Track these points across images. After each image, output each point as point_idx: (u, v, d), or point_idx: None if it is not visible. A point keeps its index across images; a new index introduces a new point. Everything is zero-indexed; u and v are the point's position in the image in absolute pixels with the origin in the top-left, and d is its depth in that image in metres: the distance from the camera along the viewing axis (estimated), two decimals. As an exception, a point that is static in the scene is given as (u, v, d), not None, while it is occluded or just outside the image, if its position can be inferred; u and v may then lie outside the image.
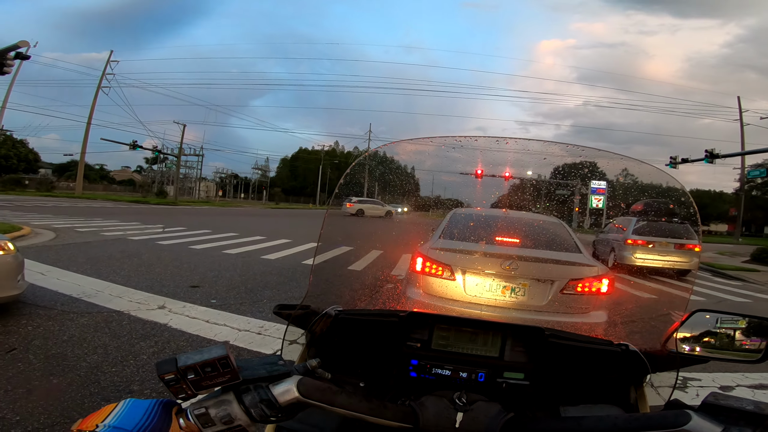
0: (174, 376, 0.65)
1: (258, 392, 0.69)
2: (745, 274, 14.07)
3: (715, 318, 1.10)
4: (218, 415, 0.66)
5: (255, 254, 9.71)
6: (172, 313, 4.86)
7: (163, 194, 49.15)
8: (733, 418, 0.64)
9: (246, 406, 0.68)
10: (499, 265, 3.32)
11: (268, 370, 0.72)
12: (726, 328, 1.10)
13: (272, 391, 0.69)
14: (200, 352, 0.66)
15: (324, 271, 1.54)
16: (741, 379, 4.10)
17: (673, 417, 0.66)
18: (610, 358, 1.09)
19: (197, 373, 0.65)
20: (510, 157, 1.84)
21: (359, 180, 3.01)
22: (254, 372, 0.71)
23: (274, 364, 0.74)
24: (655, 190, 2.29)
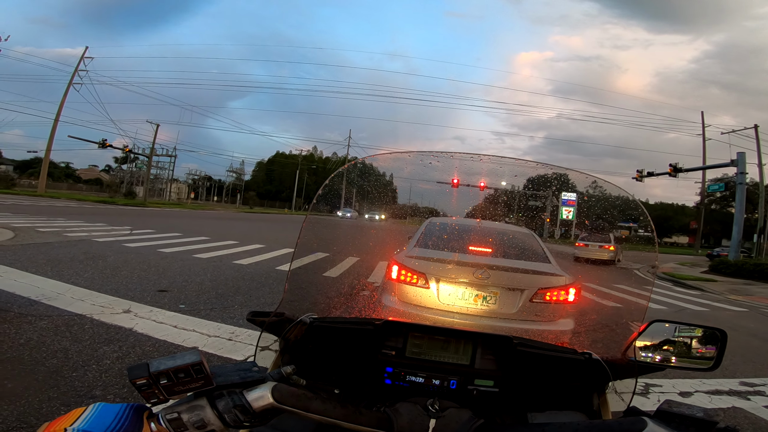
0: (146, 381, 0.65)
1: (232, 398, 0.69)
2: (704, 284, 14.71)
3: (674, 327, 1.15)
4: (191, 420, 0.66)
5: (227, 259, 9.51)
6: (138, 318, 4.70)
7: (131, 195, 47.60)
8: (685, 425, 0.68)
9: (219, 411, 0.68)
10: (471, 273, 3.37)
11: (242, 377, 0.73)
12: (683, 337, 1.15)
13: (246, 397, 0.70)
14: (173, 358, 0.66)
15: (299, 277, 1.54)
16: (699, 385, 4.26)
17: (629, 424, 0.69)
18: (575, 366, 1.12)
19: (170, 378, 0.65)
20: (485, 168, 1.89)
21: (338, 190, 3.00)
22: (228, 378, 0.71)
23: (248, 371, 0.75)
24: (619, 202, 2.40)
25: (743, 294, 12.93)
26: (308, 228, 1.51)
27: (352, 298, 4.48)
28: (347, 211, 9.18)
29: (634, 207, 1.82)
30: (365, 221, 6.18)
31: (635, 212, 1.83)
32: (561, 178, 2.50)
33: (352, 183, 3.64)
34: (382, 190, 3.20)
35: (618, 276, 13.55)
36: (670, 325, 1.16)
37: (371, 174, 3.27)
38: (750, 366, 5.17)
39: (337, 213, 7.05)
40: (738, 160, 21.89)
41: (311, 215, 1.57)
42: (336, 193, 2.70)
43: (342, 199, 5.29)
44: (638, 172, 25.66)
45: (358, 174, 3.28)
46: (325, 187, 1.59)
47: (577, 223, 4.44)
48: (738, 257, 20.54)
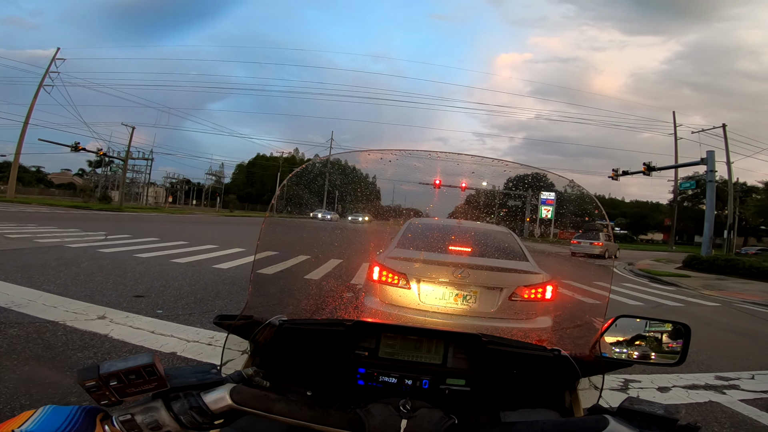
0: (95, 383, 0.64)
1: (188, 399, 0.69)
2: (679, 279, 15.13)
3: (644, 323, 1.16)
4: (145, 422, 0.66)
5: (206, 263, 9.34)
6: (114, 324, 4.57)
7: (106, 199, 46.30)
8: (647, 422, 0.69)
9: (175, 413, 0.68)
10: (451, 273, 3.40)
11: (200, 378, 0.73)
12: (654, 332, 1.16)
13: (204, 399, 0.70)
14: (125, 360, 0.65)
15: (278, 279, 1.52)
16: (676, 380, 4.35)
17: (593, 422, 0.70)
18: (545, 363, 1.13)
19: (121, 380, 0.64)
20: (467, 168, 1.90)
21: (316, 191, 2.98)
22: (184, 380, 0.71)
23: (206, 373, 0.74)
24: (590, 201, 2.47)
25: (716, 289, 13.35)
26: (269, 230, 1.50)
27: (332, 300, 4.46)
28: (327, 213, 9.14)
29: (589, 201, 1.85)
30: (348, 223, 6.15)
31: (590, 207, 1.87)
32: (540, 178, 2.54)
33: (334, 184, 3.63)
34: (365, 191, 3.20)
35: (598, 273, 13.84)
36: (641, 321, 1.17)
37: (353, 176, 3.26)
38: (725, 360, 5.30)
39: (317, 215, 7.00)
40: (708, 159, 22.59)
41: (271, 217, 1.55)
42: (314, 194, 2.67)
43: (324, 201, 5.25)
44: (614, 171, 26.29)
45: (339, 175, 3.27)
46: (283, 188, 1.57)
47: (557, 221, 4.53)
48: (710, 253, 21.19)
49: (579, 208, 2.73)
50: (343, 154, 2.70)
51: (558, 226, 6.05)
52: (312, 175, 2.22)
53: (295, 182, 1.69)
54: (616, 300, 9.50)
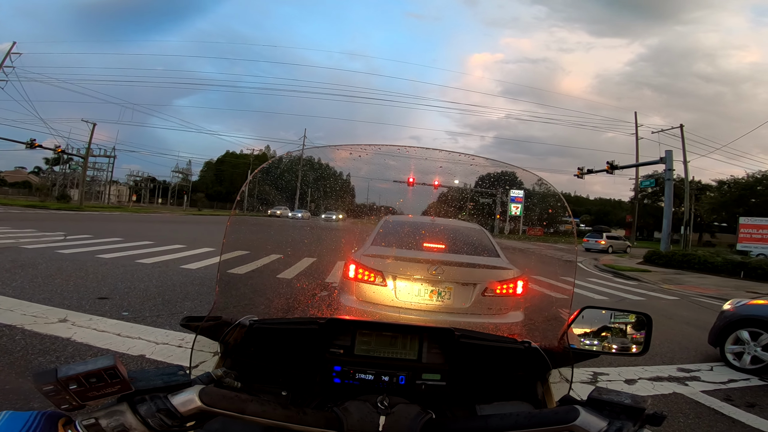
0: (53, 386, 0.62)
1: (155, 402, 0.68)
2: (640, 274, 15.77)
3: (609, 314, 1.20)
4: (110, 426, 0.64)
5: (173, 264, 9.07)
6: (77, 327, 4.40)
7: (65, 198, 44.26)
8: (616, 412, 0.70)
9: (142, 416, 0.66)
10: (426, 270, 3.44)
11: (165, 381, 0.71)
12: (619, 323, 1.20)
13: (171, 401, 0.68)
14: (84, 363, 0.63)
15: (249, 279, 1.50)
16: (642, 372, 4.53)
17: (564, 413, 0.72)
18: (516, 355, 1.15)
19: (81, 383, 0.62)
20: (440, 166, 1.92)
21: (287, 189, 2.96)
22: (149, 382, 0.70)
23: (173, 375, 0.73)
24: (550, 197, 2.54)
25: (675, 283, 13.98)
26: (237, 229, 1.48)
27: (305, 299, 4.43)
28: (298, 211, 9.06)
29: (556, 198, 1.90)
30: (321, 221, 6.11)
31: (555, 203, 1.92)
32: (509, 176, 2.60)
33: (306, 182, 3.59)
34: (339, 189, 3.19)
35: (565, 269, 14.26)
36: (606, 312, 1.21)
37: (327, 173, 3.24)
38: (686, 353, 5.55)
39: (287, 214, 6.90)
40: (666, 158, 23.72)
41: (239, 216, 1.53)
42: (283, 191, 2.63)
43: (296, 199, 5.18)
44: (579, 169, 27.17)
45: (312, 173, 3.24)
46: (249, 184, 1.54)
47: (525, 218, 4.64)
48: (668, 248, 22.20)
49: (545, 204, 2.81)
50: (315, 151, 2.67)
51: (526, 223, 6.22)
52: (279, 171, 2.18)
53: (261, 179, 1.66)
54: (582, 295, 9.82)
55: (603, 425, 0.69)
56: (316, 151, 2.14)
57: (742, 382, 4.43)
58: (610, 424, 0.69)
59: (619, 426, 0.68)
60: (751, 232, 22.10)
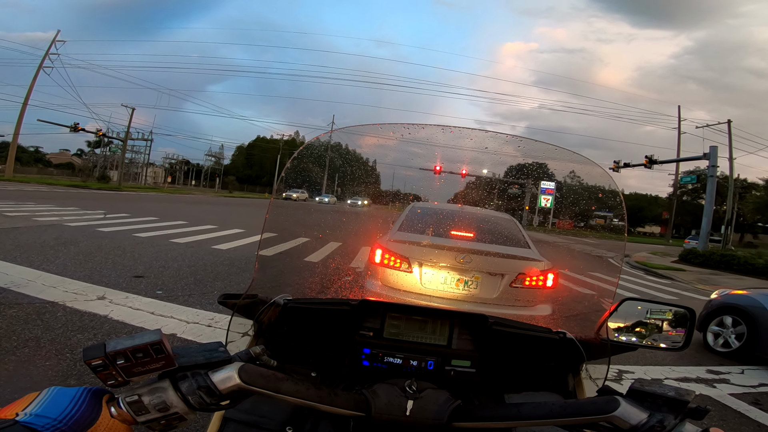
0: (102, 361, 0.62)
1: (196, 379, 0.67)
2: (674, 273, 15.22)
3: (645, 309, 1.17)
4: (152, 403, 0.64)
5: (205, 244, 9.37)
6: (113, 305, 4.60)
7: (105, 179, 46.10)
8: (657, 404, 0.68)
9: (183, 393, 0.66)
10: (453, 258, 3.39)
11: (207, 357, 0.70)
12: (655, 318, 1.17)
13: (212, 378, 0.68)
14: (132, 338, 0.63)
15: (277, 261, 1.53)
16: (668, 372, 4.41)
17: (603, 403, 0.69)
18: (549, 345, 1.13)
19: (128, 358, 0.63)
20: (467, 155, 1.89)
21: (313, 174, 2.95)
22: (192, 359, 0.69)
23: (215, 351, 0.72)
24: (596, 190, 2.45)
25: (710, 284, 13.43)
26: (282, 212, 1.48)
27: (336, 280, 4.48)
28: (325, 196, 9.15)
29: (612, 195, 1.83)
30: (347, 207, 6.15)
31: (612, 201, 1.85)
32: (540, 166, 2.53)
33: (333, 167, 3.61)
34: (365, 175, 3.19)
35: (593, 264, 13.90)
36: (642, 307, 1.17)
37: (354, 159, 3.24)
38: (716, 355, 5.35)
39: (315, 198, 7.00)
40: (710, 154, 22.52)
41: (277, 199, 1.53)
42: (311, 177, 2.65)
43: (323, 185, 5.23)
44: (615, 162, 26.30)
45: (339, 158, 3.25)
46: (287, 170, 1.54)
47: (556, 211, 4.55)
48: (707, 248, 21.28)
49: (596, 201, 2.72)
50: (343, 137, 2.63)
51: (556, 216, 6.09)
52: (314, 156, 2.18)
53: (297, 164, 1.67)
54: (609, 291, 9.56)
55: (644, 417, 0.67)
56: (343, 137, 2.11)
57: None
58: (651, 416, 0.67)
59: (660, 418, 0.66)
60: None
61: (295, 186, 1.98)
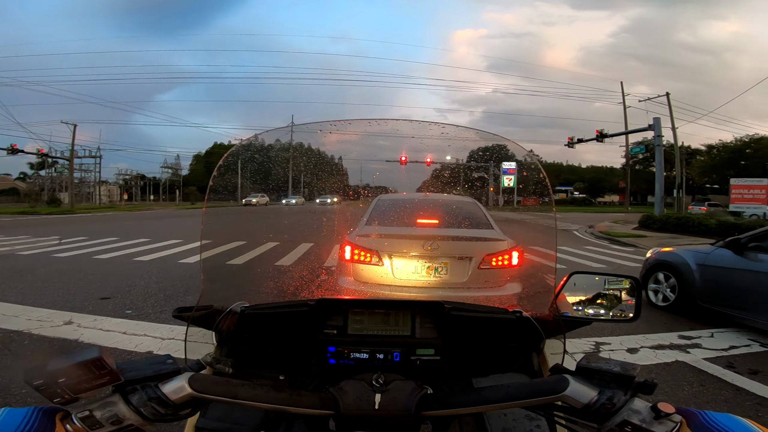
0: (43, 381, 0.62)
1: (146, 391, 0.68)
2: (636, 240, 15.87)
3: (603, 280, 1.17)
4: (104, 417, 0.65)
5: (172, 259, 9.07)
6: (83, 328, 4.42)
7: (56, 202, 43.69)
8: (605, 380, 0.69)
9: (134, 405, 0.67)
10: (421, 246, 3.43)
11: (155, 370, 0.71)
12: (613, 289, 1.16)
13: (162, 390, 0.69)
14: (71, 356, 0.64)
15: (241, 267, 1.49)
16: (643, 340, 4.51)
17: (554, 382, 0.71)
18: (508, 326, 1.14)
19: (69, 376, 0.63)
20: (431, 144, 1.92)
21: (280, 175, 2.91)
22: (139, 372, 0.70)
23: (162, 363, 0.73)
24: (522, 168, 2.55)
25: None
26: (241, 218, 1.42)
27: (297, 282, 4.43)
28: (292, 197, 9.05)
29: (536, 171, 1.85)
30: (317, 206, 6.10)
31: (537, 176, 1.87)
32: (501, 149, 2.61)
33: (297, 167, 3.58)
34: (331, 172, 3.18)
35: (560, 238, 14.33)
36: (600, 278, 1.17)
37: (317, 158, 3.23)
38: (685, 319, 5.42)
39: (282, 201, 6.86)
40: (654, 125, 23.94)
41: (209, 207, 1.46)
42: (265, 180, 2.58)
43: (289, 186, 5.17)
44: (570, 138, 27.28)
45: (302, 158, 3.23)
46: (215, 178, 1.46)
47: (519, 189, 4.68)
48: (663, 212, 22.36)
49: (531, 175, 2.82)
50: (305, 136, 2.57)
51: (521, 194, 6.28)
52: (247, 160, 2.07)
53: (225, 171, 1.59)
54: (579, 263, 9.88)
55: (593, 394, 0.68)
56: (305, 136, 2.08)
57: (743, 349, 4.39)
58: (601, 393, 0.68)
59: (610, 395, 0.67)
60: (743, 192, 22.35)
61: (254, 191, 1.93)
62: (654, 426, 0.64)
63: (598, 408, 0.67)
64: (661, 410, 0.63)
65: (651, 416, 0.64)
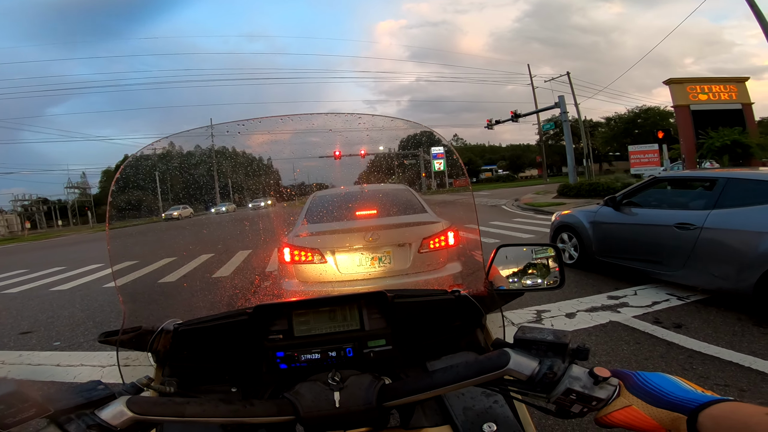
0: None
1: (83, 419, 0.65)
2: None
3: (531, 250, 1.21)
4: None
5: (94, 285, 8.36)
6: (8, 365, 4.10)
7: (-59, 239, 38.26)
8: (542, 349, 0.71)
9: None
10: (362, 238, 3.44)
11: (87, 397, 0.68)
12: (541, 258, 1.20)
13: (100, 416, 0.66)
14: None
15: (172, 283, 1.43)
16: (578, 304, 4.72)
17: (496, 358, 0.72)
18: (449, 306, 1.14)
19: None
20: (363, 136, 1.98)
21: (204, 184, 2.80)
22: (70, 401, 0.67)
23: (93, 390, 0.70)
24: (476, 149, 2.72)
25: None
26: (167, 235, 1.35)
27: (234, 292, 4.32)
28: (221, 205, 8.69)
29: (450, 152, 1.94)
30: (250, 211, 5.95)
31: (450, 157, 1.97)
32: (428, 135, 2.75)
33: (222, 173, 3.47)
34: (262, 175, 3.11)
35: (491, 214, 15.10)
36: (527, 249, 1.22)
37: (245, 160, 3.15)
38: (610, 280, 5.64)
39: (210, 210, 6.57)
40: (560, 103, 26.29)
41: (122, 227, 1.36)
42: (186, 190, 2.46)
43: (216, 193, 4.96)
44: (488, 120, 28.83)
45: (225, 163, 3.13)
46: (113, 193, 1.38)
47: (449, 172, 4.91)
48: (576, 180, 24.32)
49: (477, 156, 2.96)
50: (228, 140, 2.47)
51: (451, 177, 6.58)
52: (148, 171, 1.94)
53: (124, 185, 1.50)
54: (511, 236, 10.39)
55: (534, 365, 0.70)
56: (228, 139, 1.98)
57: (663, 304, 4.58)
58: (541, 363, 0.70)
59: (550, 364, 0.69)
60: (640, 157, 24.63)
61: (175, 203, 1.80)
62: (595, 391, 0.66)
63: (542, 378, 0.69)
64: (598, 375, 0.66)
65: (591, 382, 0.67)
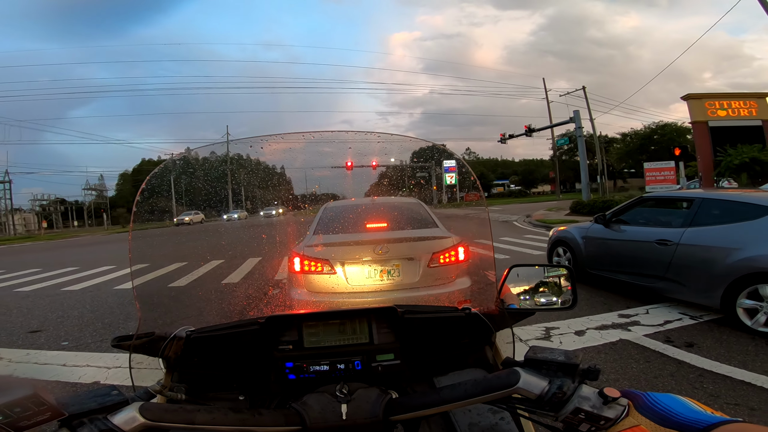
0: None
1: (95, 424, 0.66)
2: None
3: (543, 269, 1.22)
4: None
5: (105, 286, 8.46)
6: (15, 363, 4.12)
7: (-39, 235, 39.20)
8: (553, 369, 0.72)
9: None
10: (372, 250, 3.44)
11: (100, 402, 0.69)
12: (553, 277, 1.20)
13: (113, 421, 0.67)
14: (2, 394, 0.61)
15: (186, 289, 1.44)
16: (588, 322, 4.68)
17: (506, 377, 0.73)
18: (459, 323, 1.15)
19: (6, 415, 0.61)
20: (376, 147, 1.97)
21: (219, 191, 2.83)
22: (83, 405, 0.68)
23: (107, 395, 0.71)
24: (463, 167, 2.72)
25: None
26: (177, 240, 1.36)
27: (246, 300, 4.32)
28: (234, 212, 8.76)
29: (463, 166, 1.99)
30: (262, 219, 5.97)
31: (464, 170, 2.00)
32: (441, 148, 2.74)
33: (237, 181, 3.50)
34: (275, 183, 3.13)
35: (502, 229, 14.98)
36: (539, 268, 1.22)
37: (258, 169, 3.17)
38: (621, 299, 5.60)
39: (223, 216, 6.60)
40: (575, 117, 26.01)
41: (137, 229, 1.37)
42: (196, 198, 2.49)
43: (230, 201, 5.00)
44: (502, 134, 28.85)
45: (241, 171, 3.16)
46: (138, 203, 1.40)
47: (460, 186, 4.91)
48: (590, 197, 24.05)
49: (490, 171, 2.95)
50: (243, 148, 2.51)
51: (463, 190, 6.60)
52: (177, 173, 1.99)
53: (150, 195, 1.53)
54: (524, 253, 10.31)
55: (544, 385, 0.71)
56: (243, 148, 2.00)
57: (676, 323, 4.54)
58: (551, 383, 0.70)
59: (560, 384, 0.70)
60: (655, 174, 24.24)
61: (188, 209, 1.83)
62: (604, 411, 0.66)
63: (551, 398, 0.69)
64: (608, 395, 0.66)
65: (600, 401, 0.67)
